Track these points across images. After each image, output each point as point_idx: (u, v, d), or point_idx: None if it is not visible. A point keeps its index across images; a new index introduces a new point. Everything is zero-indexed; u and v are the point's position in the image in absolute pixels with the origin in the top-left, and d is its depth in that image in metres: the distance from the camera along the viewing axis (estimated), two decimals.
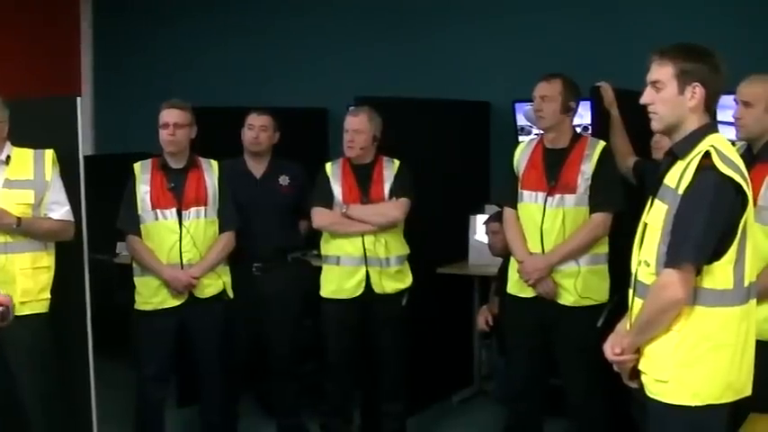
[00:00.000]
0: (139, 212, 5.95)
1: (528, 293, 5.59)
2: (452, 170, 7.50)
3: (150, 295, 5.98)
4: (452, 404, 7.64)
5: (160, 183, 5.99)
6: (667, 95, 3.67)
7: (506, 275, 5.82)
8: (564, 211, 5.47)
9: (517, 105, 7.70)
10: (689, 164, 3.57)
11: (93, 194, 5.76)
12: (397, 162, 6.22)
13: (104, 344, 6.23)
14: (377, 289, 6.09)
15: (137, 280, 6.05)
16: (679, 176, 3.59)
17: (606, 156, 5.55)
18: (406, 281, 6.26)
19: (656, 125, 3.76)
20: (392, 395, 6.36)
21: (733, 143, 4.68)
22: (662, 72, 3.68)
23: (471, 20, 8.34)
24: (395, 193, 6.13)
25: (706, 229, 3.48)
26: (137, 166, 6.06)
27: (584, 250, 5.49)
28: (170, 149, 5.99)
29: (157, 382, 6.12)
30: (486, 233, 6.64)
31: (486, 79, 8.17)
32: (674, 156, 3.71)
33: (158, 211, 5.94)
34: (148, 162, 6.09)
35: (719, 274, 3.56)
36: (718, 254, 3.54)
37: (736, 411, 3.77)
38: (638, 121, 3.96)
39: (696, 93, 3.64)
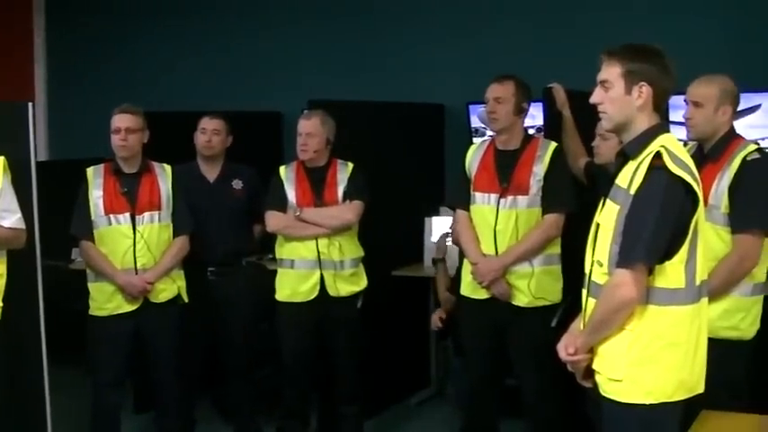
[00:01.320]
0: (93, 218, 5.93)
1: (482, 295, 5.61)
2: (407, 172, 7.51)
3: (105, 301, 5.95)
4: (410, 406, 7.66)
5: (113, 187, 5.96)
6: (615, 95, 3.70)
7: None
8: (517, 212, 5.49)
9: (471, 107, 7.71)
10: (640, 164, 3.60)
11: (48, 200, 5.73)
12: (350, 165, 6.21)
13: (61, 351, 6.21)
14: (331, 292, 6.08)
15: (91, 285, 6.01)
16: (630, 177, 3.61)
17: (558, 156, 5.58)
18: (361, 283, 6.26)
19: (605, 124, 3.80)
20: (349, 398, 6.35)
21: (685, 143, 4.75)
22: (610, 72, 3.72)
23: (425, 23, 8.36)
24: (348, 195, 6.11)
25: (657, 229, 3.50)
26: (89, 171, 6.04)
27: (537, 251, 5.52)
28: (122, 154, 5.97)
29: (113, 388, 6.09)
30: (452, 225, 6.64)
31: (439, 81, 8.20)
32: (625, 156, 3.73)
33: (112, 216, 5.91)
34: (101, 167, 6.06)
35: (671, 274, 3.59)
36: (669, 253, 3.56)
37: (689, 408, 3.80)
38: (590, 121, 3.99)
39: (643, 92, 3.67)
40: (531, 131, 6.45)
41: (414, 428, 7.22)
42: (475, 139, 7.42)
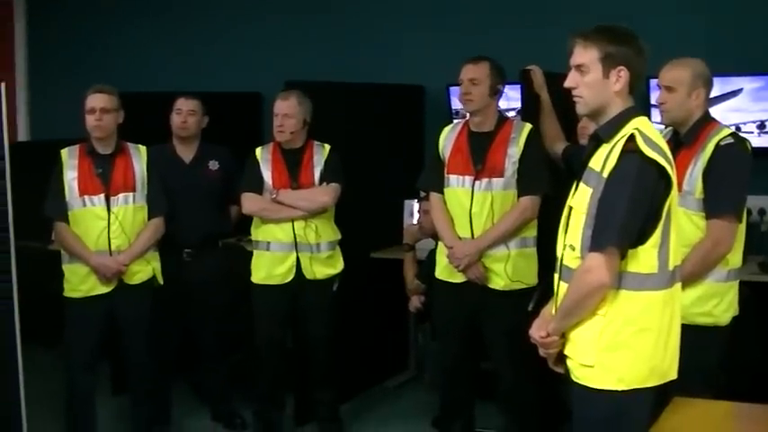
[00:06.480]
0: (67, 199, 5.87)
1: (458, 279, 5.59)
2: (386, 154, 7.47)
3: (79, 282, 5.91)
4: (388, 389, 7.64)
5: (87, 169, 5.91)
6: (592, 79, 3.65)
7: (434, 261, 5.81)
8: (492, 194, 5.47)
9: (452, 89, 7.66)
10: (613, 147, 3.56)
11: (26, 181, 5.70)
12: (327, 147, 6.18)
13: (40, 333, 6.14)
14: (307, 275, 6.05)
15: (65, 267, 5.97)
16: (603, 160, 3.57)
17: (532, 138, 5.55)
18: (338, 266, 6.23)
19: (581, 109, 3.75)
20: (324, 382, 6.34)
21: (666, 127, 4.72)
22: (586, 56, 3.66)
23: (406, 3, 8.31)
24: (325, 178, 6.09)
25: (629, 213, 3.47)
26: (63, 152, 5.99)
27: (513, 234, 5.50)
28: (96, 135, 5.91)
29: (86, 370, 6.06)
30: (419, 212, 6.60)
31: (420, 63, 8.13)
32: (598, 139, 3.69)
33: (86, 197, 5.87)
34: (75, 148, 6.01)
35: (644, 258, 3.55)
36: (642, 237, 3.53)
37: (661, 395, 3.77)
38: (568, 104, 3.94)
39: (621, 76, 3.63)
40: (510, 114, 6.41)
41: (391, 412, 7.19)
42: (456, 122, 7.37)
